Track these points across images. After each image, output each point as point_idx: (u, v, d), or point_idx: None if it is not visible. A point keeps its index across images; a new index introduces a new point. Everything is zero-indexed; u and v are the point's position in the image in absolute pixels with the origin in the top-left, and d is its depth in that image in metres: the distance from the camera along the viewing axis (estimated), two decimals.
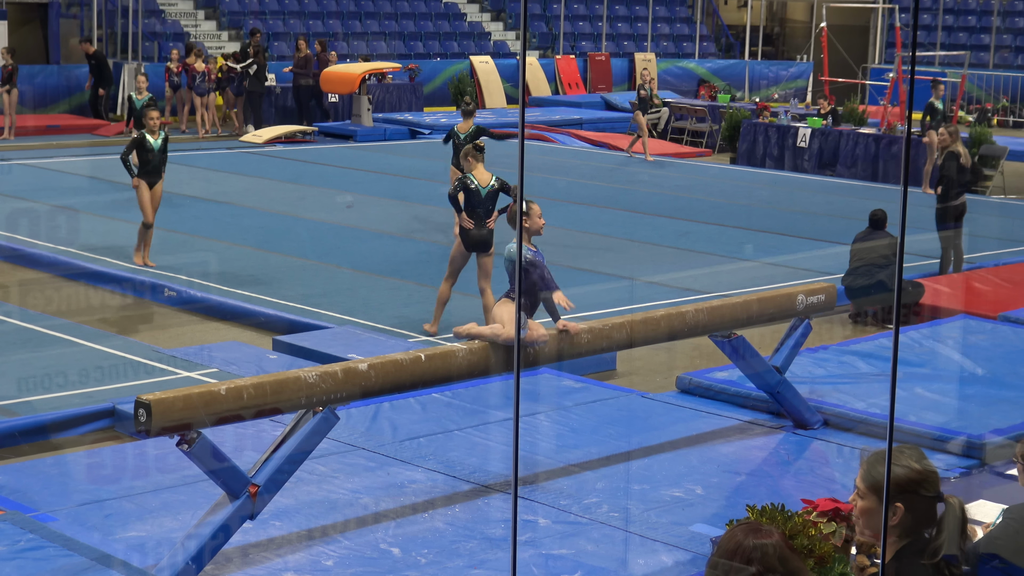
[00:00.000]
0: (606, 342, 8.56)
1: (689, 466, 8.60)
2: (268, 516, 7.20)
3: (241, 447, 8.12)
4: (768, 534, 3.53)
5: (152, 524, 7.44)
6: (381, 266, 14.33)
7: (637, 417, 9.63)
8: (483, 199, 11.17)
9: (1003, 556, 5.17)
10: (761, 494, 7.77)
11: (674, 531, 7.48)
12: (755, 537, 3.51)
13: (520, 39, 2.80)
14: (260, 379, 6.84)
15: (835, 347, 11.34)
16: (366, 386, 7.18)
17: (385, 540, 7.32)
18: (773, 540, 3.51)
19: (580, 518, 7.66)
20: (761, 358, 9.14)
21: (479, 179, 11.24)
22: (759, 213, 18.93)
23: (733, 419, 9.63)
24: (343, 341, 11.05)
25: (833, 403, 9.66)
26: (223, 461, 6.51)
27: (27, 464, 8.45)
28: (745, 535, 3.53)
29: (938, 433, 9.02)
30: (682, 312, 8.88)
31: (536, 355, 8.09)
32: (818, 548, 6.62)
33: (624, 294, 13.35)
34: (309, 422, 6.86)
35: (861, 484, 4.20)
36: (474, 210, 11.20)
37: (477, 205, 11.19)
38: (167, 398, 6.32)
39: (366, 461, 8.52)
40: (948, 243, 14.47)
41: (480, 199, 11.16)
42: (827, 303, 9.60)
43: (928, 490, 4.15)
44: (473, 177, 11.24)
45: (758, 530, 3.55)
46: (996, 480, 8.34)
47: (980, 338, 11.77)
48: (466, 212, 11.20)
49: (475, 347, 7.76)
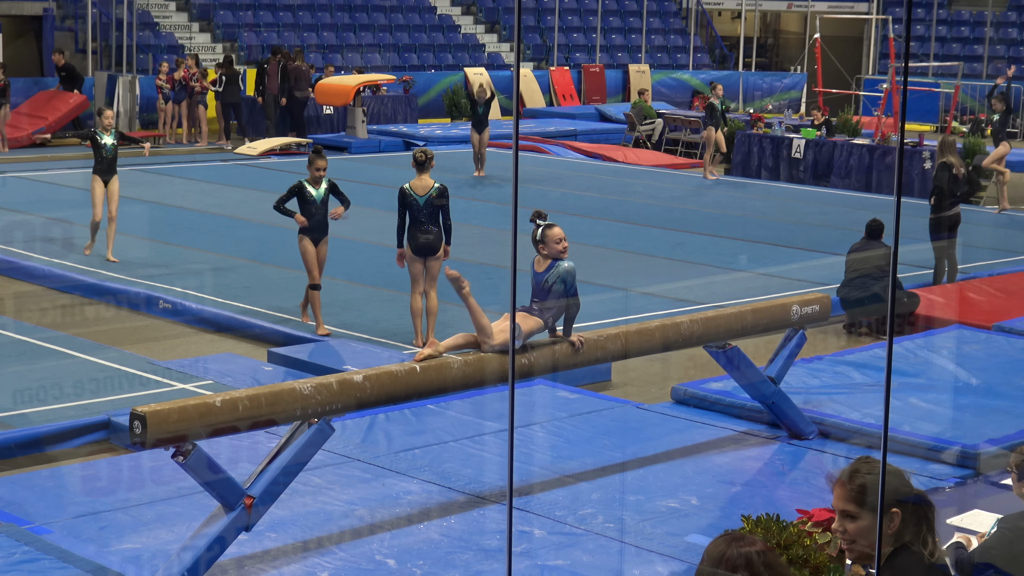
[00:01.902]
0: (601, 353, 8.57)
1: (684, 477, 8.61)
2: (263, 528, 7.20)
3: (236, 459, 8.12)
4: (751, 542, 3.56)
5: (147, 536, 7.44)
6: (375, 278, 14.33)
7: (632, 428, 9.64)
8: (422, 207, 11.37)
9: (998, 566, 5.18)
10: (756, 504, 7.78)
11: (669, 541, 7.48)
12: (739, 546, 3.54)
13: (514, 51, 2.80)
14: (255, 391, 6.84)
15: (830, 357, 11.35)
16: (361, 397, 7.18)
17: (380, 551, 7.32)
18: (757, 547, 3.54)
19: (575, 529, 7.66)
20: (756, 369, 9.15)
21: (416, 188, 11.43)
22: (753, 224, 18.95)
23: (728, 430, 9.63)
24: (338, 353, 11.05)
25: (828, 413, 9.67)
26: (218, 473, 6.51)
27: (22, 476, 8.45)
28: (729, 544, 3.56)
29: (933, 443, 9.03)
30: (677, 323, 8.89)
31: (531, 366, 8.10)
32: (813, 558, 6.62)
33: (619, 305, 13.36)
34: (304, 434, 6.86)
35: (848, 506, 4.08)
36: (416, 218, 11.39)
37: (418, 212, 11.38)
38: (162, 410, 6.32)
39: (361, 472, 8.52)
40: (942, 253, 14.49)
41: (419, 207, 11.36)
42: (821, 314, 9.60)
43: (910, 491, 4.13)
44: (411, 188, 11.43)
45: (741, 539, 3.58)
46: (991, 490, 8.34)
47: (974, 348, 11.79)
48: (410, 221, 11.46)
49: (470, 358, 7.76)
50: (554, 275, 8.10)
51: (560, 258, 8.15)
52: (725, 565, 3.52)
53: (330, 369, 9.89)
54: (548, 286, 8.07)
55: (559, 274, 8.10)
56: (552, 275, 8.09)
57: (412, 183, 11.51)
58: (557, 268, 8.10)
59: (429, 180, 11.47)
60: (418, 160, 11.53)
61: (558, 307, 8.10)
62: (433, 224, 11.47)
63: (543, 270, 8.15)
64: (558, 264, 8.14)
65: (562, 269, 8.10)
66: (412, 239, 11.49)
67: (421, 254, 11.52)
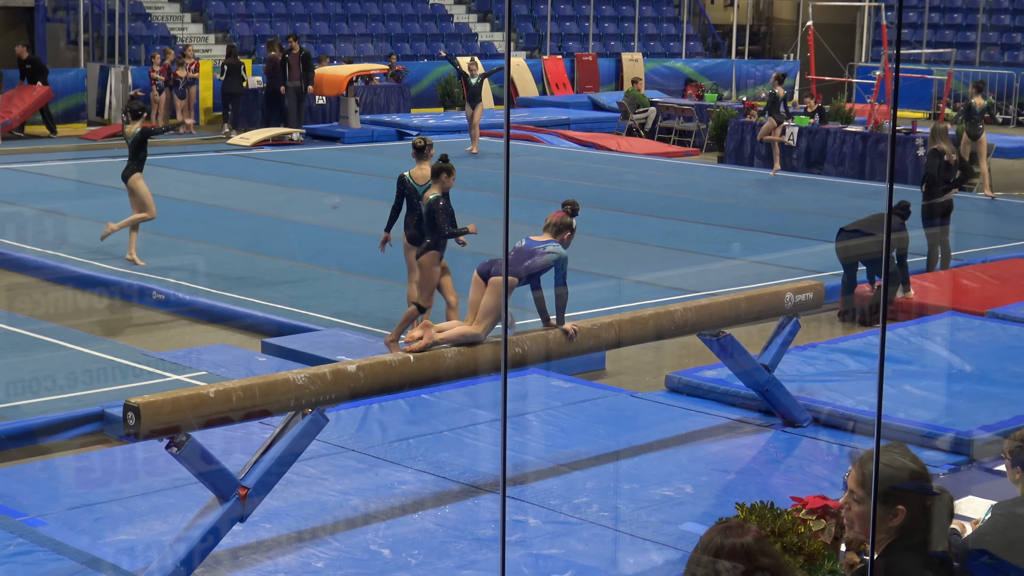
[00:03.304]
0: (594, 341, 8.57)
1: (678, 465, 8.61)
2: (258, 518, 7.20)
3: (230, 450, 8.12)
4: (746, 531, 3.56)
5: (141, 527, 7.44)
6: (369, 268, 14.32)
7: (626, 416, 9.64)
8: (420, 196, 11.23)
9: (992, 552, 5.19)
10: (750, 492, 7.79)
11: (664, 530, 7.49)
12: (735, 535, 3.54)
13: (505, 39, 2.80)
14: (249, 381, 6.84)
15: (823, 345, 11.36)
16: (355, 388, 7.18)
17: (375, 541, 7.33)
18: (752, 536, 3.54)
19: (570, 518, 7.66)
20: (750, 356, 9.16)
21: (416, 177, 11.32)
22: (747, 212, 18.95)
23: (722, 418, 9.64)
24: (332, 343, 11.05)
25: (822, 401, 9.68)
26: (212, 464, 6.51)
27: (16, 468, 8.44)
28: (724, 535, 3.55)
29: (927, 430, 9.04)
30: (670, 311, 8.89)
31: (525, 355, 8.10)
32: (807, 545, 6.63)
33: (612, 293, 13.36)
34: (298, 424, 6.86)
35: (857, 488, 4.14)
36: (413, 206, 11.29)
37: (416, 201, 11.25)
38: (156, 401, 6.32)
39: (355, 463, 8.51)
40: (935, 240, 14.49)
41: (418, 196, 11.23)
42: (815, 301, 9.61)
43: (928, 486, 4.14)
44: (410, 176, 11.34)
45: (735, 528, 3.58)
46: (985, 476, 8.36)
47: (968, 335, 11.80)
48: (407, 209, 11.34)
49: (463, 348, 7.76)
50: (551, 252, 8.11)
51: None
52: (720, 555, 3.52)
53: (324, 359, 9.89)
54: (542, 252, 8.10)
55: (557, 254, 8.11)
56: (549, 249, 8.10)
57: (412, 171, 11.39)
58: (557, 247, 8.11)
59: (429, 169, 11.39)
60: (417, 147, 11.43)
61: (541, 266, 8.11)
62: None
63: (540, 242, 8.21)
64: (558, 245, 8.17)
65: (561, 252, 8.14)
66: (408, 228, 11.41)
67: (416, 243, 11.48)
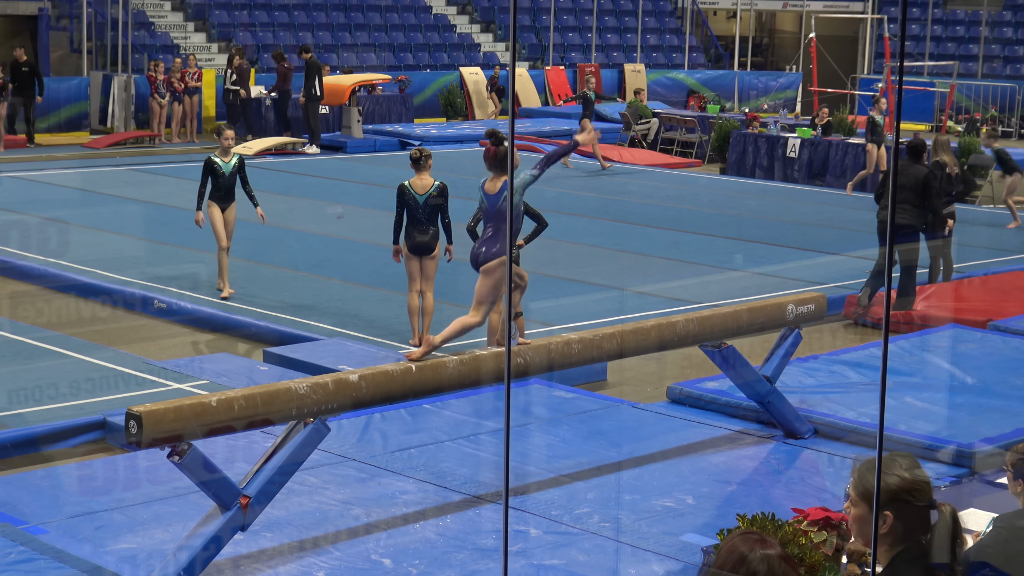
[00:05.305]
0: (596, 352, 8.57)
1: (680, 476, 8.61)
2: (259, 527, 7.20)
3: (232, 459, 8.12)
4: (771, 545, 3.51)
5: (143, 536, 7.44)
6: (372, 277, 14.33)
7: (628, 427, 9.64)
8: (421, 205, 11.32)
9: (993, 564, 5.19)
10: (752, 503, 7.78)
11: (665, 541, 7.48)
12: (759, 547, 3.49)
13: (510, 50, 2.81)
14: (251, 390, 6.84)
15: (825, 356, 11.36)
16: (357, 397, 7.18)
17: (376, 551, 7.32)
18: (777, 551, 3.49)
19: (571, 528, 7.66)
20: (751, 368, 9.15)
21: (416, 186, 11.38)
22: (749, 223, 18.96)
23: (724, 429, 9.63)
24: (334, 352, 11.05)
25: (823, 412, 9.68)
26: (214, 472, 6.51)
27: (18, 476, 8.44)
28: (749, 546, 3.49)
29: (928, 442, 9.03)
30: (672, 322, 8.89)
31: (527, 365, 8.10)
32: (809, 557, 6.63)
33: (614, 304, 13.37)
34: (300, 433, 6.86)
35: (852, 492, 4.20)
36: (414, 216, 11.36)
37: (416, 211, 11.35)
38: (158, 410, 6.32)
39: (357, 472, 8.51)
40: (937, 252, 14.50)
41: (418, 205, 11.32)
42: (817, 312, 9.61)
43: (919, 499, 4.13)
44: (410, 185, 11.39)
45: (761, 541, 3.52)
46: (986, 489, 8.35)
47: (970, 347, 11.80)
48: (408, 219, 11.42)
49: (465, 358, 7.76)
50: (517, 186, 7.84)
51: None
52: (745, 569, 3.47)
53: (326, 369, 9.89)
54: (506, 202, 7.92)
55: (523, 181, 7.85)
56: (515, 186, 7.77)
57: (412, 181, 11.47)
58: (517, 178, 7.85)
59: (429, 179, 11.43)
60: (414, 158, 11.50)
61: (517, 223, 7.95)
62: (431, 223, 11.45)
63: (497, 191, 8.08)
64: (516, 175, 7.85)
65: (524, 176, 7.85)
66: (409, 237, 11.46)
67: (418, 253, 11.51)
